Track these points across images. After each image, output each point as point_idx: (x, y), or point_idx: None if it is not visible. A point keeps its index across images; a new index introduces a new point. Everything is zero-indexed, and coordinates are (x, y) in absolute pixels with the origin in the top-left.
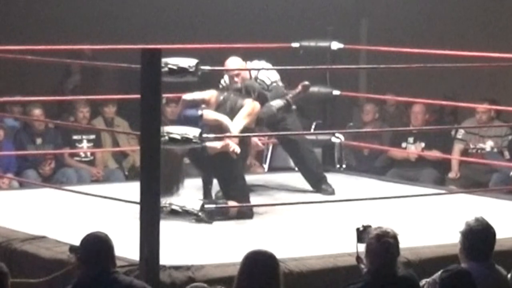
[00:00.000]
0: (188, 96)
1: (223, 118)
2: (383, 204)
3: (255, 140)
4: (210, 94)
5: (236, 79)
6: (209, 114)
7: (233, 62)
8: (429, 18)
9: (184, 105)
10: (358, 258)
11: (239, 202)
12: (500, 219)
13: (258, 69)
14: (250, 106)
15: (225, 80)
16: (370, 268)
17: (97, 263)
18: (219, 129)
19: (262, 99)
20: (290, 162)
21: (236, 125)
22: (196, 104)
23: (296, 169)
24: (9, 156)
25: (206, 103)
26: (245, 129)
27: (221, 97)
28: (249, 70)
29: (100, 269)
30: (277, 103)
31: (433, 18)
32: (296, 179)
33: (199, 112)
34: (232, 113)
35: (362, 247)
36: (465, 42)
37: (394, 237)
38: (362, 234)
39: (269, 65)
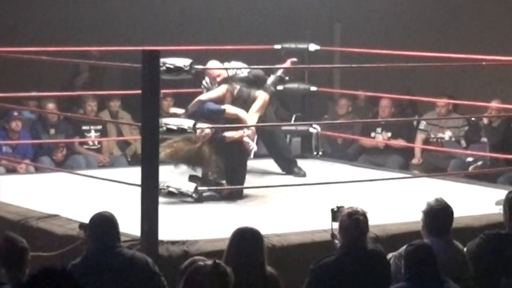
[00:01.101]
0: (204, 96)
1: (241, 113)
2: (354, 186)
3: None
4: (222, 91)
5: (218, 79)
6: (230, 109)
7: (213, 65)
8: (395, 23)
9: (199, 104)
10: (332, 234)
11: (234, 185)
12: (457, 199)
13: (242, 68)
14: (261, 98)
15: (206, 80)
16: (343, 243)
17: (103, 238)
18: (238, 121)
19: (264, 83)
20: None
21: (252, 119)
22: (213, 101)
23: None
24: (26, 145)
25: (221, 99)
26: (258, 119)
27: (235, 92)
28: (248, 68)
29: (106, 243)
30: (271, 81)
31: (398, 23)
32: None
33: (222, 107)
34: (246, 104)
35: (336, 225)
36: (427, 43)
37: (364, 215)
38: (336, 213)
39: (244, 65)
